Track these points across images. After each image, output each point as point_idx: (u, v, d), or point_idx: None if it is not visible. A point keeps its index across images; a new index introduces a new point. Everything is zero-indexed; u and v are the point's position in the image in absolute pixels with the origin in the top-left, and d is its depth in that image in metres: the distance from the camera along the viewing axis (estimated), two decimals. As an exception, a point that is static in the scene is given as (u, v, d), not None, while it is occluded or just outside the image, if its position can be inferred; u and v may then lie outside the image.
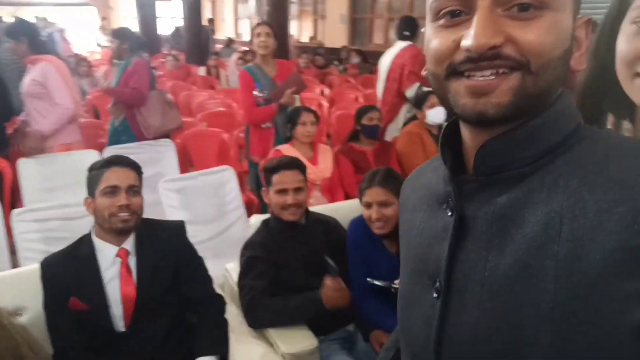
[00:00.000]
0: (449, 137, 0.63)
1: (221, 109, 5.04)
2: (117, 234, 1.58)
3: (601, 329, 0.47)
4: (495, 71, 0.52)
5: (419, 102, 3.15)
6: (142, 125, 3.44)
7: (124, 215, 1.54)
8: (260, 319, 1.76)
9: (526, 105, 0.53)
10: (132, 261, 1.59)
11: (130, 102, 3.37)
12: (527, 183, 0.54)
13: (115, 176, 1.55)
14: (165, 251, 1.63)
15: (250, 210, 3.03)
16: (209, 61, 7.86)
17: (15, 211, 2.25)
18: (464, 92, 0.54)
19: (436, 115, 3.03)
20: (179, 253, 1.66)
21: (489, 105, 0.53)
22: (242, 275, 1.83)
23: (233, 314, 1.77)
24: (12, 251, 2.32)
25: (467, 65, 0.53)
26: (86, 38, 13.40)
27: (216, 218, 2.74)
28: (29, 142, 3.12)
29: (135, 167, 1.61)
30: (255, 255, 1.83)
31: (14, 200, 3.00)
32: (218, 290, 1.78)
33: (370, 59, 8.91)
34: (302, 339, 1.66)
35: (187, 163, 3.70)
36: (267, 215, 2.05)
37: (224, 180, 2.84)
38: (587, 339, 0.47)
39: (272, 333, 1.70)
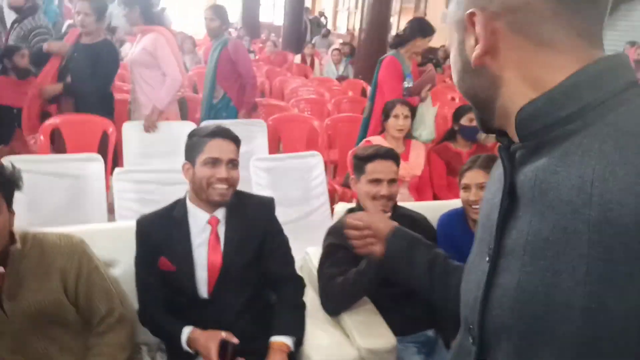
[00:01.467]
0: None
1: (313, 96, 5.07)
2: (211, 204, 1.59)
3: (635, 293, 0.47)
4: None
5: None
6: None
7: (222, 187, 1.54)
8: (334, 306, 1.71)
9: (477, 102, 0.65)
10: (221, 230, 1.60)
11: (255, 92, 3.64)
12: (565, 145, 0.54)
13: (218, 148, 1.54)
14: (254, 224, 1.62)
15: (332, 199, 3.00)
16: (304, 50, 7.94)
17: (117, 170, 2.38)
18: None
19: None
20: (266, 228, 1.65)
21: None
22: (322, 261, 1.79)
23: (310, 298, 1.74)
24: (109, 210, 2.46)
25: None
26: (190, 18, 13.99)
27: (300, 201, 2.74)
28: (150, 116, 3.23)
29: (237, 141, 1.61)
30: (336, 243, 1.78)
31: (115, 161, 3.20)
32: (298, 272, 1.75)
33: (469, 61, 8.57)
34: (380, 335, 1.58)
35: (276, 145, 3.74)
36: (352, 205, 2.00)
37: (312, 166, 2.84)
38: (620, 303, 0.48)
39: (349, 324, 1.64)
